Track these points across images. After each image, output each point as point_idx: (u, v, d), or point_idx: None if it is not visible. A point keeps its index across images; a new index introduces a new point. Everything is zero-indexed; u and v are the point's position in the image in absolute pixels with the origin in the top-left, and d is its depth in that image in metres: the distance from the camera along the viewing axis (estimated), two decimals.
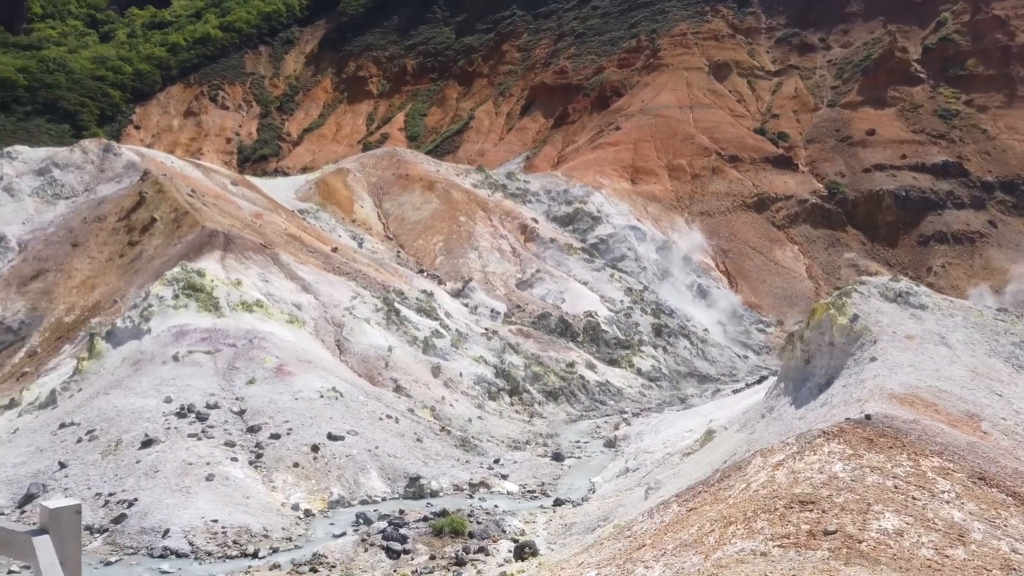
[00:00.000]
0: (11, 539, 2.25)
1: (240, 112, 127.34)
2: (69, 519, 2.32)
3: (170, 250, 40.04)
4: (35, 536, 2.22)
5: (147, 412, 24.30)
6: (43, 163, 50.52)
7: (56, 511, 2.28)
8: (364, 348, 34.55)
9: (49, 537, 2.25)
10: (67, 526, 2.31)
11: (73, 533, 2.32)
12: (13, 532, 2.27)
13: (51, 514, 2.27)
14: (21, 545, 2.24)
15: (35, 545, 2.17)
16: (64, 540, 2.25)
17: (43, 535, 2.23)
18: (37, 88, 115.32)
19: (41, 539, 2.20)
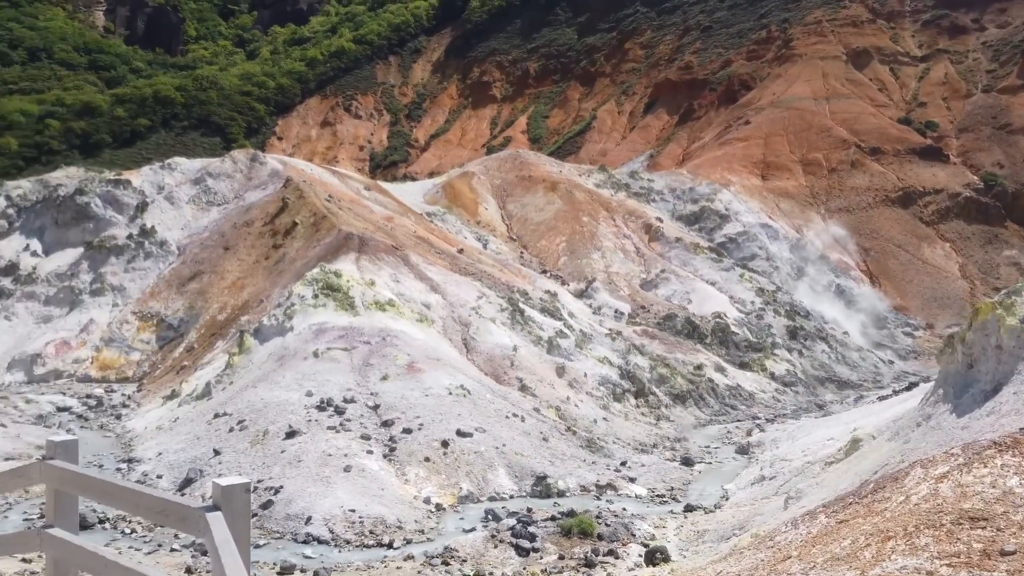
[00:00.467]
0: (186, 515, 2.32)
1: (372, 120, 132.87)
2: (240, 496, 2.35)
3: (310, 252, 42.29)
4: (208, 512, 2.26)
5: (290, 405, 25.70)
6: (198, 173, 54.78)
7: (228, 488, 2.31)
8: (490, 347, 35.02)
9: (221, 514, 2.28)
10: (237, 503, 2.35)
11: (243, 510, 2.35)
12: (188, 508, 2.33)
13: (223, 491, 2.31)
14: (195, 521, 2.29)
15: (208, 521, 2.20)
16: (235, 517, 2.29)
17: (216, 511, 2.27)
18: (192, 105, 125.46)
19: (214, 515, 2.24)
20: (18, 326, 44.31)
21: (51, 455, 2.95)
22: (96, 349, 42.30)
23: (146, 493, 2.47)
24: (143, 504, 2.49)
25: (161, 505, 2.41)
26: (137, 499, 2.50)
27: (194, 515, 2.32)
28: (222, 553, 2.02)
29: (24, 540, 2.99)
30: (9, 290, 46.88)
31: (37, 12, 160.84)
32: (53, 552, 2.85)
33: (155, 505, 2.44)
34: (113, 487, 2.57)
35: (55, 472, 2.83)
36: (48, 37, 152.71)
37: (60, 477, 2.83)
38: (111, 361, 41.85)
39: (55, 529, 2.88)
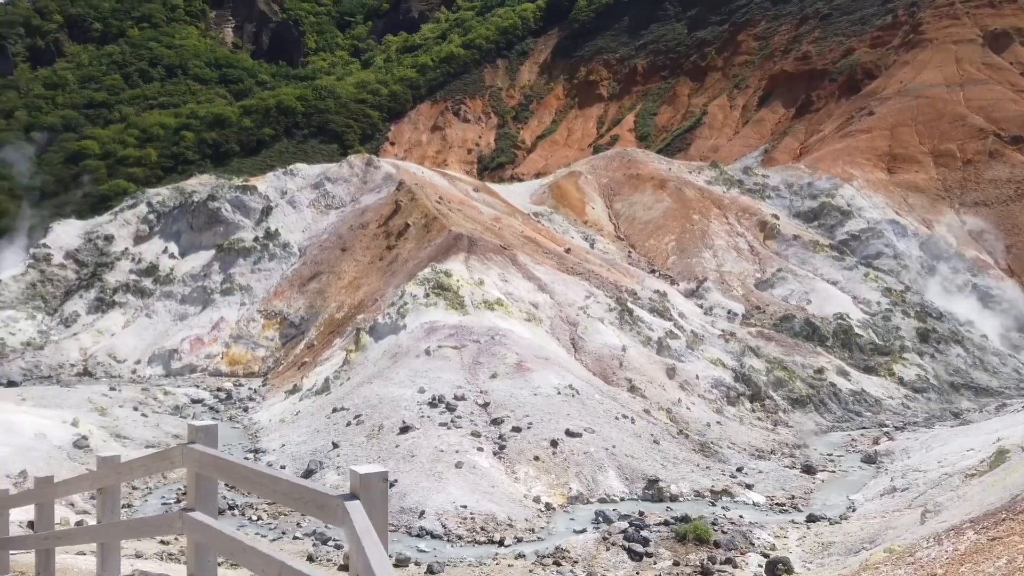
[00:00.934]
0: (324, 503, 2.27)
1: (480, 124, 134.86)
2: (377, 485, 2.29)
3: (421, 252, 43.30)
4: (347, 501, 2.20)
5: (404, 401, 26.33)
6: (318, 178, 57.27)
7: (366, 477, 2.25)
8: (598, 347, 34.65)
9: (360, 503, 2.21)
10: (375, 492, 2.28)
11: (381, 500, 2.28)
12: (326, 496, 2.28)
13: (361, 480, 2.25)
14: (333, 509, 2.24)
15: (348, 510, 2.14)
16: (373, 506, 2.23)
17: (354, 500, 2.21)
18: (312, 113, 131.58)
19: (353, 504, 2.17)
20: (157, 323, 47.77)
21: (192, 439, 3.00)
22: (226, 345, 44.97)
23: (284, 479, 2.45)
24: (281, 490, 2.46)
25: (299, 492, 2.38)
26: (275, 485, 2.48)
27: (332, 503, 2.27)
28: (365, 544, 1.95)
29: (166, 522, 3.06)
30: (150, 290, 50.64)
31: (174, 32, 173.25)
32: (194, 535, 2.90)
33: (293, 491, 2.41)
34: (252, 472, 2.57)
35: (196, 456, 2.88)
36: (183, 55, 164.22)
37: (200, 461, 2.87)
38: (239, 357, 44.36)
39: (196, 513, 2.93)
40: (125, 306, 49.46)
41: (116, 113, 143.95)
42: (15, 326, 48.54)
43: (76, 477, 4.03)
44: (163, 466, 3.24)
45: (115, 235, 57.54)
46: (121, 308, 49.30)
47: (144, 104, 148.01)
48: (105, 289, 50.84)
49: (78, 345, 45.84)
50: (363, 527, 2.04)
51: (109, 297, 50.19)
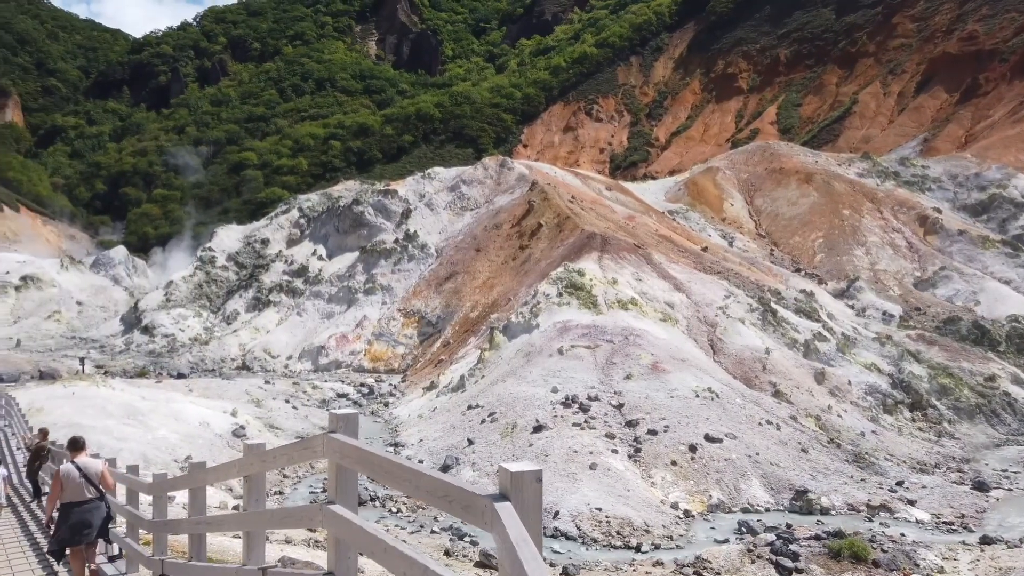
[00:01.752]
0: (471, 503, 2.04)
1: (612, 123, 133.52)
2: (531, 486, 2.02)
3: (554, 252, 43.24)
4: (496, 502, 1.95)
5: (537, 400, 26.27)
6: (454, 180, 58.67)
7: (518, 475, 1.99)
8: (739, 349, 33.12)
9: (511, 504, 1.96)
10: (528, 493, 2.02)
11: (534, 502, 2.02)
12: (474, 495, 2.05)
13: (512, 478, 1.99)
14: (480, 511, 2.00)
15: (498, 513, 1.89)
16: (526, 509, 1.97)
17: (504, 502, 1.95)
18: (448, 119, 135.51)
19: (503, 506, 1.92)
20: (307, 321, 50.64)
21: (333, 428, 2.89)
22: (368, 343, 46.93)
23: (427, 475, 2.24)
24: (423, 486, 2.26)
25: (444, 489, 2.16)
26: (417, 480, 2.28)
27: (479, 504, 2.03)
28: (521, 553, 1.70)
29: (308, 515, 2.98)
30: (300, 289, 53.80)
31: (323, 47, 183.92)
32: (334, 530, 2.78)
33: (437, 489, 2.20)
34: (394, 465, 2.39)
35: (337, 445, 2.75)
36: (331, 68, 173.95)
37: (341, 451, 2.74)
38: (380, 354, 46.15)
39: (336, 506, 2.81)
40: (279, 305, 52.80)
41: (272, 126, 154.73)
42: (184, 323, 53.08)
43: (224, 464, 4.10)
44: (305, 455, 3.16)
45: (270, 239, 61.67)
46: (275, 307, 52.67)
47: (296, 116, 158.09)
48: (261, 289, 54.55)
49: (237, 341, 49.42)
50: (518, 535, 1.78)
51: (265, 296, 53.79)
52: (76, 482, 6.83)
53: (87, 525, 6.70)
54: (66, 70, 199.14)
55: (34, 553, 8.67)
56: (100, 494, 6.92)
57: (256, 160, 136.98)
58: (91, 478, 6.89)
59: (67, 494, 6.82)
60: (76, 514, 6.73)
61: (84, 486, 6.83)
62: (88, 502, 6.81)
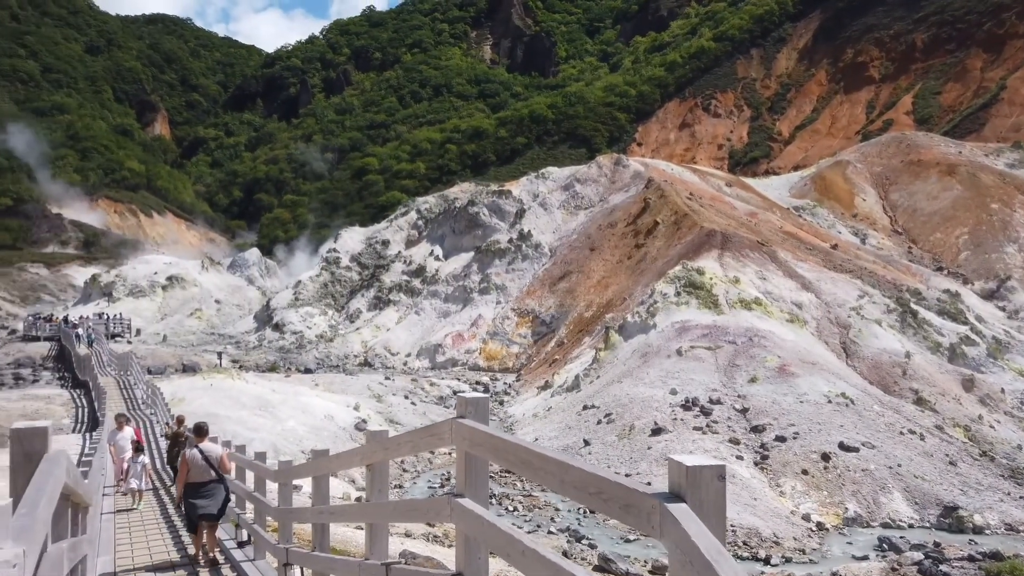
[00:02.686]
0: (634, 502, 1.67)
1: (731, 118, 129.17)
2: (711, 485, 1.63)
3: (671, 250, 42.04)
4: (669, 503, 1.57)
5: (655, 401, 25.49)
6: (568, 180, 58.32)
7: (695, 471, 1.60)
8: (875, 352, 30.91)
9: (687, 507, 1.58)
10: (709, 492, 1.62)
11: (717, 504, 1.62)
12: (638, 493, 1.67)
13: (689, 474, 1.60)
14: (646, 512, 1.63)
15: (674, 516, 1.51)
16: (707, 513, 1.58)
17: (679, 503, 1.57)
18: (561, 120, 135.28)
19: (679, 508, 1.54)
20: (424, 320, 51.73)
21: (462, 412, 2.60)
22: (483, 342, 47.35)
23: (578, 467, 1.88)
24: (572, 480, 1.90)
25: (598, 484, 1.79)
26: (564, 473, 1.93)
27: (646, 504, 1.65)
28: (720, 570, 1.31)
29: (435, 507, 2.70)
30: (418, 289, 55.07)
31: (440, 54, 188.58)
32: (463, 526, 2.49)
33: (588, 483, 1.83)
34: (534, 454, 2.06)
35: (466, 431, 2.46)
36: (448, 74, 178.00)
37: (471, 438, 2.45)
38: (495, 352, 46.44)
39: (466, 500, 2.52)
40: (398, 304, 54.25)
41: (392, 132, 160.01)
42: (311, 321, 55.53)
43: (347, 451, 3.93)
44: (431, 442, 2.89)
45: (390, 240, 63.56)
46: (395, 306, 54.16)
47: (415, 122, 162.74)
48: (382, 289, 56.27)
49: (360, 338, 51.15)
50: (710, 547, 1.39)
51: (385, 296, 55.44)
52: (200, 465, 7.47)
53: (210, 504, 7.33)
54: (207, 85, 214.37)
55: (169, 532, 9.46)
56: (220, 477, 7.55)
57: (377, 165, 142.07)
58: (212, 462, 7.50)
59: (192, 476, 7.47)
60: (199, 494, 7.39)
61: (206, 469, 7.46)
62: (209, 483, 7.47)
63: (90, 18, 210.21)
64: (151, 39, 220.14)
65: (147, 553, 8.19)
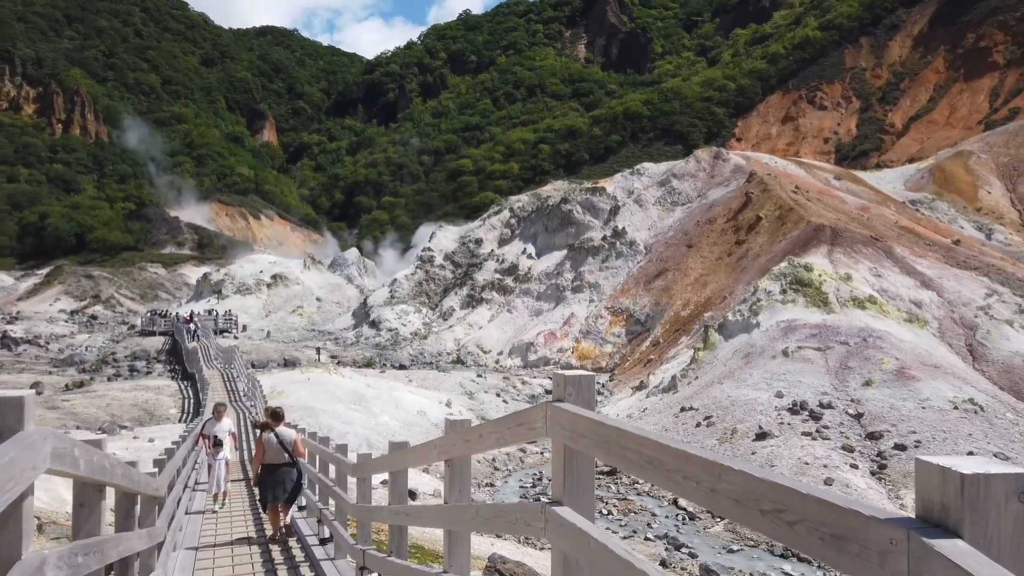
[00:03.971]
0: (852, 531, 0.97)
1: (838, 110, 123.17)
2: (1004, 507, 0.93)
3: (775, 247, 40.02)
4: (924, 534, 0.92)
5: (759, 405, 24.09)
6: (664, 175, 56.71)
7: (976, 480, 0.93)
8: (1006, 356, 28.23)
9: (966, 543, 0.91)
10: (1003, 521, 0.93)
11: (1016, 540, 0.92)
12: (860, 518, 1.00)
13: (967, 483, 0.93)
14: (881, 551, 0.95)
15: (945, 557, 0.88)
16: (999, 554, 0.89)
17: (949, 537, 0.92)
18: (657, 116, 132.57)
19: (951, 546, 0.91)
20: (517, 318, 51.44)
21: (560, 395, 2.00)
22: (576, 340, 46.58)
23: (740, 470, 1.21)
24: (731, 491, 1.24)
25: (782, 498, 1.12)
26: (717, 479, 1.27)
27: (879, 537, 0.95)
28: None
29: (525, 517, 2.09)
30: (510, 287, 54.87)
31: (534, 55, 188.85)
32: (561, 543, 1.89)
33: (761, 495, 1.18)
34: (668, 450, 1.41)
35: (566, 418, 1.86)
36: (542, 74, 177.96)
37: (571, 427, 1.85)
38: (588, 351, 45.59)
39: (564, 509, 1.92)
40: (490, 302, 54.23)
41: (486, 134, 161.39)
42: (406, 318, 56.32)
43: (424, 444, 3.40)
44: (520, 433, 2.30)
45: (483, 238, 63.72)
46: (487, 304, 54.17)
47: (508, 123, 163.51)
48: (475, 287, 56.42)
49: (453, 336, 51.41)
50: None
51: (478, 294, 55.55)
52: (274, 448, 7.93)
53: (280, 485, 7.79)
54: (311, 93, 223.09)
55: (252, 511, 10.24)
56: (293, 460, 7.96)
57: (471, 166, 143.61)
58: (286, 445, 7.95)
59: (267, 458, 7.94)
60: (273, 475, 7.84)
61: (280, 452, 7.91)
62: (282, 466, 7.90)
63: (206, 32, 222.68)
64: (261, 50, 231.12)
65: (228, 530, 8.76)
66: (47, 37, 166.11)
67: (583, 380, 2.03)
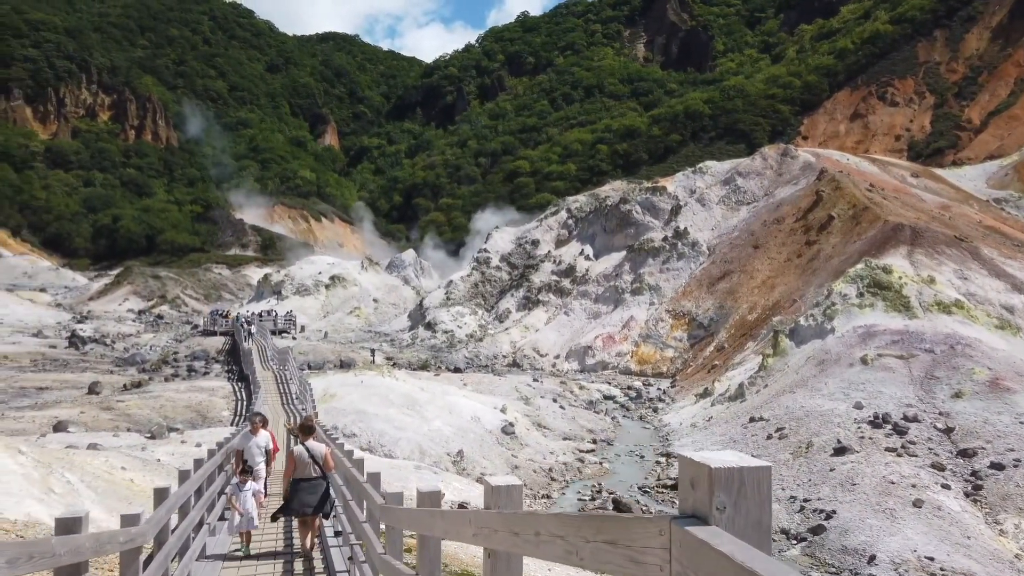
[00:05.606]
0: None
1: (911, 106, 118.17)
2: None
3: (849, 247, 37.88)
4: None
5: (836, 416, 22.41)
6: (728, 174, 54.70)
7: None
8: None
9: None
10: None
11: None
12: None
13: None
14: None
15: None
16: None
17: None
18: (719, 115, 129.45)
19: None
20: (574, 321, 50.26)
21: (696, 507, 0.97)
22: (635, 344, 45.15)
23: None
24: None
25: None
26: None
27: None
28: None
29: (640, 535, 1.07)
30: (568, 289, 53.71)
31: (593, 55, 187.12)
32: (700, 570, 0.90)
33: None
34: None
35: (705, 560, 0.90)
36: (600, 74, 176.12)
37: None
38: (648, 356, 44.12)
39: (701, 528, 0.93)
40: (547, 304, 53.17)
41: (543, 135, 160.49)
42: (462, 320, 55.73)
43: (458, 514, 2.38)
44: (607, 556, 1.24)
45: (540, 240, 62.72)
46: (544, 306, 53.12)
47: (566, 124, 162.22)
48: (531, 289, 55.44)
49: (508, 339, 50.53)
50: None
51: (534, 296, 54.56)
52: (304, 462, 7.88)
53: (309, 499, 7.77)
54: (372, 97, 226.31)
55: (283, 525, 9.68)
56: (323, 474, 7.94)
57: (528, 168, 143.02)
58: (316, 459, 7.89)
59: (297, 471, 7.89)
60: (302, 489, 7.80)
61: (311, 465, 7.86)
62: (312, 479, 7.85)
63: (271, 39, 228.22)
64: (323, 56, 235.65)
65: (258, 542, 8.62)
66: (121, 46, 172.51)
67: (762, 476, 1.03)
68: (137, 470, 13.13)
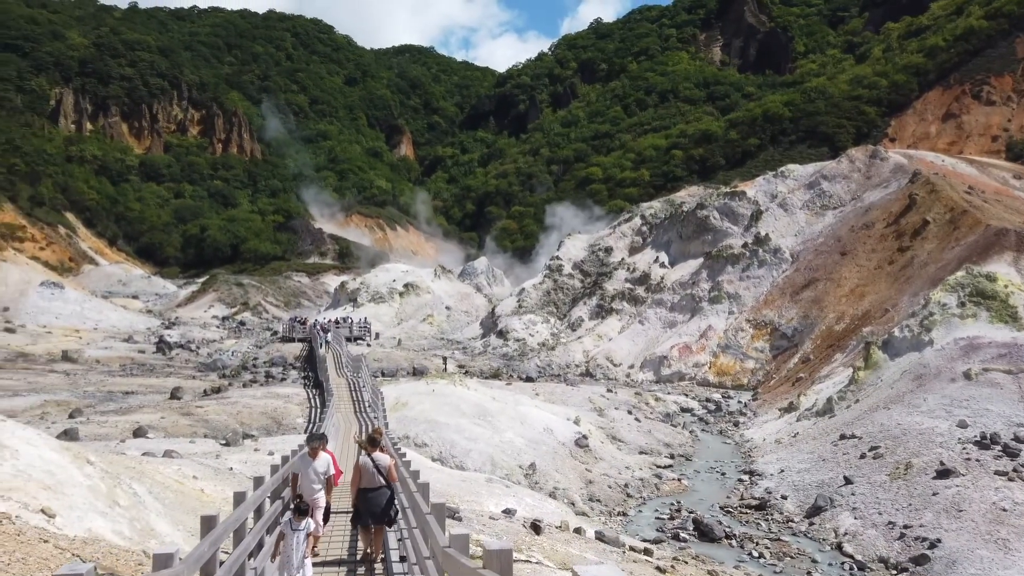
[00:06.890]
0: None
1: (1008, 105, 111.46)
2: None
3: (946, 254, 35.52)
4: None
5: (938, 436, 20.75)
6: (812, 177, 52.42)
7: None
8: None
9: None
10: None
11: None
12: None
13: None
14: None
15: None
16: None
17: None
18: (800, 118, 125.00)
19: None
20: (649, 330, 49.00)
21: None
22: (713, 355, 43.61)
23: None
24: None
25: None
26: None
27: None
28: None
29: None
30: (642, 297, 52.46)
31: (667, 60, 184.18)
32: None
33: None
34: None
35: None
36: (675, 79, 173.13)
37: None
38: (727, 367, 42.53)
39: None
40: (620, 313, 52.06)
41: (616, 141, 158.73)
42: (534, 328, 55.17)
43: None
44: None
45: (613, 247, 61.63)
46: (617, 315, 52.03)
47: (639, 130, 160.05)
48: (604, 297, 54.43)
49: (581, 347, 49.66)
50: None
51: (607, 304, 53.52)
52: (370, 472, 8.33)
53: (374, 508, 8.17)
54: (446, 107, 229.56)
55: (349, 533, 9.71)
56: (388, 484, 8.36)
57: (601, 175, 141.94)
58: (381, 470, 8.33)
59: (363, 482, 8.33)
60: (368, 498, 8.23)
61: (376, 475, 8.30)
62: (377, 488, 8.28)
63: (349, 53, 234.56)
64: (399, 68, 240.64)
65: (324, 549, 8.76)
66: (209, 63, 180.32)
67: None
68: (209, 479, 13.06)
